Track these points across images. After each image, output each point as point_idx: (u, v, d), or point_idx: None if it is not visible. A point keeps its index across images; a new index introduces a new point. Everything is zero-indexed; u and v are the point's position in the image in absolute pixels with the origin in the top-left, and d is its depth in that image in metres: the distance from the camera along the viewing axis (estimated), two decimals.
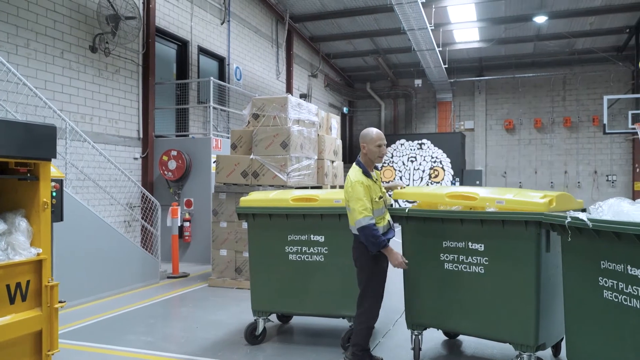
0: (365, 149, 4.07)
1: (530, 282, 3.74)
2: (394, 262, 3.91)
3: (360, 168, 4.05)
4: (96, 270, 6.64)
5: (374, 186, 4.02)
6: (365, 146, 4.08)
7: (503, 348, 4.49)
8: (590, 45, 17.46)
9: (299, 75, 17.15)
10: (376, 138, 4.07)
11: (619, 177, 18.64)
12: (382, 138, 4.10)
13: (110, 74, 8.98)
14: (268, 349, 4.78)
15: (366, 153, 4.08)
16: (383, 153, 4.10)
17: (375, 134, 4.09)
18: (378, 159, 4.11)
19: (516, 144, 19.93)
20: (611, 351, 3.10)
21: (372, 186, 3.99)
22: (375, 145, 4.05)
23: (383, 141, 4.10)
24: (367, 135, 4.10)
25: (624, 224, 2.94)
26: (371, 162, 4.11)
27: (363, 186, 3.91)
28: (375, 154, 4.07)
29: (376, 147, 4.05)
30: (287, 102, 7.73)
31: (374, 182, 4.04)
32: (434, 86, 19.66)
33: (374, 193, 3.97)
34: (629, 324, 2.96)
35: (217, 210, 7.68)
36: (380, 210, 4.01)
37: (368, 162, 4.10)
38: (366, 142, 4.07)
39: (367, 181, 3.96)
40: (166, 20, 10.57)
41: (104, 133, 8.82)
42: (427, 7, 13.17)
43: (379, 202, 4.01)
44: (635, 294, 2.90)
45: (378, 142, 4.06)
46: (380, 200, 4.02)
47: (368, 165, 4.10)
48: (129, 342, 4.97)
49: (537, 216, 3.64)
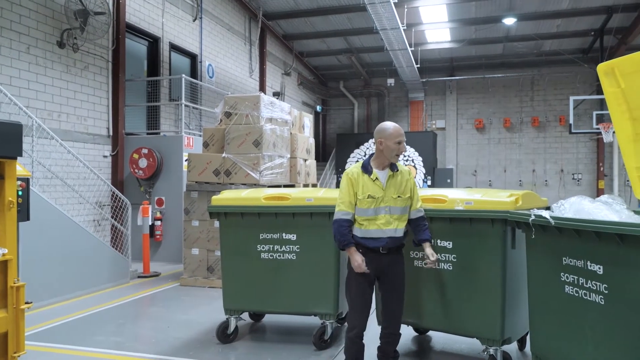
0: (383, 145, 3.65)
1: (497, 278, 3.85)
2: (353, 263, 3.57)
3: (362, 162, 3.74)
4: (64, 271, 6.51)
5: (370, 184, 3.63)
6: (382, 142, 3.64)
7: (471, 343, 4.60)
8: (557, 47, 17.92)
9: (272, 74, 17.10)
10: (395, 134, 3.65)
11: (584, 175, 19.19)
12: (401, 134, 3.68)
13: (78, 70, 8.81)
14: (240, 347, 4.78)
15: (382, 150, 3.66)
16: (402, 150, 3.68)
17: (393, 129, 3.67)
18: (395, 157, 3.68)
19: (486, 143, 20.32)
20: (572, 344, 3.22)
21: (366, 183, 3.63)
22: (395, 142, 3.63)
23: (403, 137, 3.68)
24: (385, 131, 3.67)
25: (584, 221, 3.05)
26: (385, 159, 3.69)
27: (348, 178, 3.65)
28: (394, 152, 3.65)
29: (395, 144, 3.63)
30: (260, 101, 7.72)
31: (371, 180, 3.64)
32: (407, 85, 19.89)
33: (364, 189, 3.61)
34: (588, 318, 3.07)
35: (188, 209, 7.62)
36: (367, 210, 3.60)
37: (381, 158, 3.69)
38: (384, 137, 3.65)
39: (359, 175, 3.64)
40: (137, 16, 10.41)
41: (72, 130, 8.64)
42: (400, 7, 13.32)
43: (367, 200, 3.59)
44: (594, 288, 3.02)
45: (398, 138, 3.64)
46: (369, 200, 3.60)
47: (379, 162, 3.70)
48: (98, 342, 4.90)
49: (503, 214, 3.75)
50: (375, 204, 3.61)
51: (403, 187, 3.72)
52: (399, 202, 3.67)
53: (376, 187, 3.63)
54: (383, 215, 3.62)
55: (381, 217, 3.61)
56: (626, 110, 4.53)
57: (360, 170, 3.68)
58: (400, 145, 3.65)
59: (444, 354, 4.60)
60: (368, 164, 3.71)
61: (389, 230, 3.63)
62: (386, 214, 3.62)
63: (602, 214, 3.14)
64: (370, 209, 3.60)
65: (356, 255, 3.57)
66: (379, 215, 3.61)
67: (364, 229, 3.62)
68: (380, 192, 3.62)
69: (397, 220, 3.66)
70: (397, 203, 3.66)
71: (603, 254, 2.96)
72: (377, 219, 3.61)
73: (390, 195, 3.64)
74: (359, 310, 3.65)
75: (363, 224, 3.62)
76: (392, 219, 3.64)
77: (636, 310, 2.77)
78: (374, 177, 3.65)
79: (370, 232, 3.61)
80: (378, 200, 3.61)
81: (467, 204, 3.99)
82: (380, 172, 3.68)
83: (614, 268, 2.90)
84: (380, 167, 3.70)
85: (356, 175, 3.64)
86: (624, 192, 18.00)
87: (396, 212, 3.66)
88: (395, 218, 3.66)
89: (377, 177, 3.65)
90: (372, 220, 3.61)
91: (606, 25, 15.36)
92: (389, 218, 3.63)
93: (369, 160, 3.73)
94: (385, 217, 3.62)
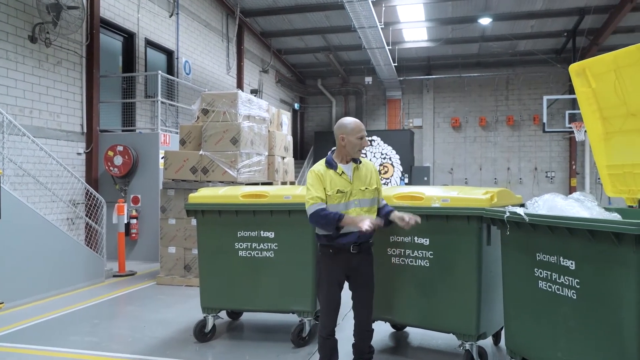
0: (345, 141, 3.59)
1: (472, 274, 3.90)
2: (362, 226, 3.33)
3: (326, 159, 3.67)
4: (37, 270, 6.38)
5: (337, 178, 3.58)
6: (344, 137, 3.59)
7: (447, 338, 4.66)
8: (531, 48, 18.23)
9: (249, 71, 17.01)
10: (357, 129, 3.60)
11: (557, 173, 19.59)
12: (362, 129, 3.63)
13: (51, 66, 8.62)
14: (218, 345, 4.75)
15: (345, 145, 3.60)
16: (364, 145, 3.65)
17: (354, 124, 3.62)
18: (358, 152, 3.63)
19: (462, 142, 20.57)
20: (545, 337, 3.29)
21: (333, 178, 3.57)
22: (357, 137, 3.58)
23: (364, 132, 3.64)
24: (345, 126, 3.61)
25: (557, 218, 3.12)
26: (348, 155, 3.63)
27: (314, 175, 3.58)
28: (356, 147, 3.59)
29: (357, 139, 3.58)
30: (237, 98, 7.67)
31: (337, 175, 3.58)
32: (384, 84, 20.00)
33: (332, 184, 3.55)
34: (561, 312, 3.14)
35: (165, 207, 7.54)
36: (337, 206, 3.53)
37: (344, 154, 3.64)
38: (345, 133, 3.59)
39: (325, 171, 3.58)
40: (111, 11, 10.24)
41: (44, 127, 8.46)
42: (377, 5, 13.38)
43: (336, 196, 3.53)
44: (566, 283, 3.09)
45: (359, 133, 3.59)
46: (338, 195, 3.54)
47: (342, 158, 3.65)
48: (73, 343, 4.82)
49: (478, 211, 3.80)
50: (345, 198, 3.56)
51: (369, 179, 3.69)
52: (367, 194, 3.64)
53: (344, 181, 3.59)
54: (354, 209, 3.57)
55: (352, 211, 3.56)
56: (597, 110, 4.65)
57: (325, 166, 3.63)
58: (362, 140, 3.61)
59: (421, 350, 4.65)
60: (332, 159, 3.65)
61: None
62: (356, 207, 3.59)
63: (574, 210, 3.22)
64: (341, 204, 3.55)
65: (357, 219, 3.42)
66: (349, 209, 3.56)
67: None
68: (348, 186, 3.58)
69: (367, 213, 3.63)
70: (365, 195, 3.63)
71: (575, 250, 3.03)
72: (348, 213, 3.53)
73: (358, 188, 3.61)
74: (330, 310, 3.66)
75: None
76: (362, 211, 3.60)
77: (606, 304, 2.85)
78: (340, 171, 3.59)
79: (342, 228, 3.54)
80: (347, 194, 3.57)
81: (444, 201, 4.04)
82: (344, 166, 3.64)
83: (586, 263, 2.97)
84: (344, 162, 3.66)
85: (323, 172, 3.58)
86: (595, 189, 18.46)
87: (365, 204, 3.64)
88: (365, 210, 3.62)
89: (343, 171, 3.60)
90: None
91: (578, 26, 15.68)
92: (359, 211, 3.59)
93: (332, 157, 3.68)
94: (355, 211, 3.57)
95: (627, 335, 2.72)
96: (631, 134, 4.38)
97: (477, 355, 3.94)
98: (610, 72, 4.24)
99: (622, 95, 4.24)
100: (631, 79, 4.08)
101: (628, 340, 2.71)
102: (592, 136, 4.79)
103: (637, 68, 3.95)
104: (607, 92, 4.40)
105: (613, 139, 4.61)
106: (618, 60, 4.12)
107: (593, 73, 4.46)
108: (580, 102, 4.71)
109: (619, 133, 4.52)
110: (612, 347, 2.81)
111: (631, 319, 2.69)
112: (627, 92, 4.19)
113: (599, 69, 4.39)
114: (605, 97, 4.48)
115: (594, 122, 4.70)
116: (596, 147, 4.80)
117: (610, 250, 2.78)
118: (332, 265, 3.64)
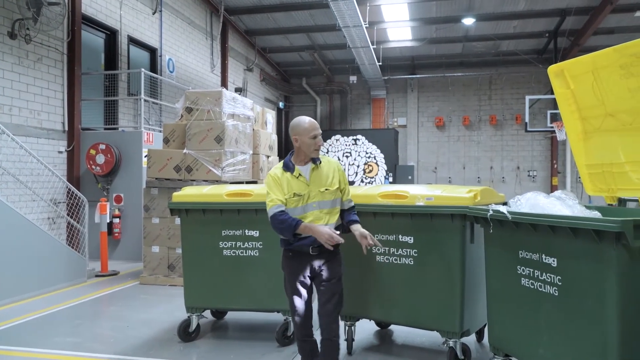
0: (299, 142, 3.47)
1: (456, 272, 3.94)
2: (322, 238, 3.23)
3: (284, 161, 3.54)
4: (17, 270, 6.27)
5: (294, 181, 3.44)
6: (297, 139, 3.47)
7: (431, 336, 4.69)
8: (514, 48, 18.43)
9: (234, 69, 16.93)
10: (310, 128, 3.47)
11: (539, 172, 19.84)
12: (316, 127, 3.49)
13: (31, 63, 8.48)
14: (202, 345, 4.73)
15: (299, 146, 3.48)
16: (319, 144, 3.49)
17: (308, 123, 3.49)
18: (314, 152, 3.49)
19: (446, 141, 20.72)
20: (528, 334, 3.33)
21: (289, 181, 3.44)
22: (310, 137, 3.46)
23: (318, 131, 3.49)
24: (298, 126, 3.50)
25: (539, 215, 3.16)
26: (305, 155, 3.51)
27: (271, 179, 3.46)
28: (311, 147, 3.46)
29: (311, 138, 3.46)
30: (222, 96, 7.63)
31: (294, 177, 3.45)
32: (369, 83, 20.05)
33: (289, 188, 3.42)
34: (543, 309, 3.19)
35: (148, 205, 7.47)
36: (295, 210, 3.40)
37: (301, 155, 3.51)
38: (298, 134, 3.47)
39: (282, 174, 3.46)
40: (93, 7, 10.10)
41: (24, 125, 8.32)
42: (362, 4, 13.40)
43: (294, 199, 3.40)
44: (549, 280, 3.13)
45: (312, 132, 3.46)
46: (295, 198, 3.41)
47: (300, 158, 3.52)
48: (55, 344, 4.75)
49: (462, 209, 3.83)
50: (302, 201, 3.42)
51: (330, 179, 3.51)
52: (327, 195, 3.47)
53: (301, 184, 3.44)
54: (312, 212, 3.43)
55: (309, 214, 3.42)
56: (575, 110, 4.72)
57: (282, 169, 3.50)
58: (316, 140, 3.47)
59: (405, 347, 4.68)
60: (289, 161, 3.52)
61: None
62: (315, 210, 3.43)
63: (555, 208, 3.26)
64: (298, 208, 3.41)
65: (317, 228, 3.28)
66: (307, 212, 3.42)
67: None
68: (305, 189, 3.44)
69: (328, 215, 3.47)
70: (325, 197, 3.46)
71: (557, 247, 3.07)
72: (306, 217, 3.40)
73: (316, 190, 3.45)
74: (298, 315, 3.49)
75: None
76: (322, 214, 3.45)
77: (587, 300, 2.89)
78: (297, 174, 3.46)
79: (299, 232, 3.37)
80: (305, 197, 3.43)
81: (428, 199, 4.06)
82: (302, 167, 3.49)
83: (567, 260, 3.02)
84: (302, 163, 3.51)
85: (280, 174, 3.46)
86: (576, 188, 18.73)
87: (326, 206, 3.47)
88: (326, 212, 3.46)
89: (300, 174, 3.46)
90: (301, 219, 3.38)
91: (560, 27, 15.89)
92: (318, 214, 3.43)
93: (290, 158, 3.54)
94: (314, 214, 3.43)
95: (607, 331, 2.76)
96: (609, 133, 4.46)
97: (461, 352, 3.97)
98: (588, 73, 4.31)
99: (600, 95, 4.31)
100: (608, 80, 4.15)
101: (608, 335, 2.76)
102: (571, 136, 4.86)
103: (614, 69, 4.03)
104: (585, 93, 4.47)
105: (592, 138, 4.69)
106: (596, 62, 4.19)
107: (571, 74, 4.53)
108: (559, 103, 4.78)
109: (597, 133, 4.59)
110: (593, 343, 2.86)
111: (612, 315, 2.73)
112: (604, 92, 4.26)
113: (577, 71, 4.46)
114: (583, 98, 4.55)
115: (573, 122, 4.77)
116: (575, 146, 4.88)
117: (591, 248, 2.83)
118: (293, 268, 3.49)
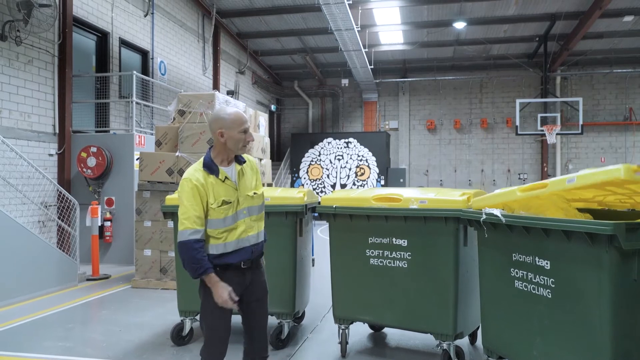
0: (225, 137, 2.88)
1: (449, 275, 3.95)
2: (217, 299, 2.77)
3: (203, 161, 2.94)
4: (7, 274, 6.21)
5: (220, 187, 2.89)
6: (224, 132, 2.88)
7: (424, 338, 4.71)
8: (504, 52, 18.59)
9: (226, 72, 16.91)
10: (238, 121, 2.90)
11: (529, 175, 19.98)
12: (245, 121, 2.93)
13: (22, 65, 8.42)
14: (195, 349, 4.69)
15: (225, 142, 2.89)
16: (249, 140, 2.95)
17: (235, 115, 2.91)
18: (243, 149, 2.96)
19: (437, 144, 20.82)
20: (521, 336, 3.35)
21: (215, 186, 2.88)
22: (240, 131, 2.90)
23: (247, 124, 2.95)
24: (224, 119, 2.89)
25: (533, 219, 3.18)
26: (230, 153, 2.96)
27: (190, 187, 2.83)
28: (240, 142, 2.92)
29: (240, 132, 2.90)
30: (215, 99, 7.62)
31: (220, 181, 2.90)
32: (360, 86, 20.11)
33: (216, 195, 2.87)
34: (536, 311, 3.21)
35: (140, 209, 7.43)
36: (224, 220, 2.89)
37: (225, 152, 2.95)
38: (225, 127, 2.88)
39: (205, 179, 2.87)
40: (84, 9, 10.05)
41: (15, 127, 8.25)
42: (354, 8, 13.46)
43: (223, 208, 2.87)
44: (542, 283, 3.15)
45: (242, 126, 2.91)
46: (225, 207, 2.88)
47: (223, 157, 2.96)
48: (46, 348, 4.71)
49: (456, 212, 3.85)
50: (232, 209, 2.91)
51: (255, 180, 3.10)
52: (256, 199, 3.05)
53: (229, 189, 2.92)
54: (243, 221, 2.95)
55: (241, 222, 2.94)
56: None
57: (204, 172, 2.89)
58: (246, 135, 2.93)
59: (399, 350, 4.68)
60: (211, 162, 2.92)
61: (252, 237, 2.99)
62: (246, 218, 2.97)
63: None
64: (229, 217, 2.90)
65: (219, 286, 2.79)
66: (238, 221, 2.93)
67: (221, 242, 2.89)
68: (234, 194, 2.93)
69: (258, 222, 3.06)
70: (254, 201, 3.03)
71: (550, 250, 3.09)
72: (238, 226, 2.93)
73: (245, 194, 2.99)
74: (215, 340, 2.96)
75: (221, 237, 2.89)
76: (252, 221, 3.00)
77: (580, 302, 2.91)
78: (223, 177, 2.91)
79: (231, 245, 2.90)
80: (234, 204, 2.93)
81: (422, 202, 4.08)
82: (227, 168, 2.96)
83: (561, 263, 3.04)
84: (225, 163, 2.97)
85: (202, 180, 2.85)
86: None
87: (254, 212, 3.04)
88: (255, 219, 3.04)
89: (226, 176, 2.92)
90: (232, 230, 2.91)
91: (550, 31, 16.06)
92: (249, 222, 2.99)
93: (211, 157, 2.95)
94: (245, 222, 2.96)
95: (600, 333, 2.79)
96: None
97: (455, 355, 3.99)
98: None
99: None
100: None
101: (601, 337, 2.78)
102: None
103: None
104: None
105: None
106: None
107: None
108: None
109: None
110: (586, 345, 2.88)
111: (604, 318, 2.76)
112: None
113: None
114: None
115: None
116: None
117: (584, 250, 2.85)
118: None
